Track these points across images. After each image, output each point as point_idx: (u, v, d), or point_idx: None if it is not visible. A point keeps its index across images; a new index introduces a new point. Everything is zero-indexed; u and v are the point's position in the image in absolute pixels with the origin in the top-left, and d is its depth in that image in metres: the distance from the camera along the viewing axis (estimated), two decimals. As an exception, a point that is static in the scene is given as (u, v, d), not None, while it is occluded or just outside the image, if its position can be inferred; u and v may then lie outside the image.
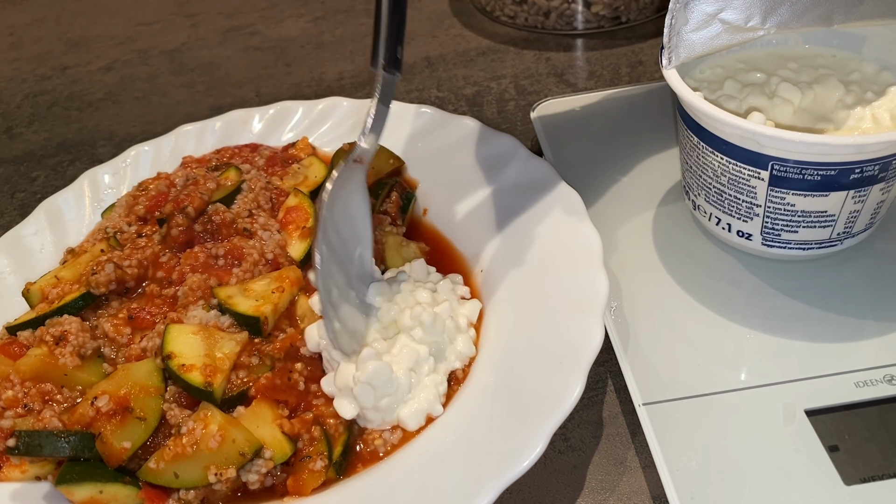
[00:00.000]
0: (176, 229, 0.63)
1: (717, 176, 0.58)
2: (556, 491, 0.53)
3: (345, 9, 1.19)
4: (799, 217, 0.56)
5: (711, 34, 0.57)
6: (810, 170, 0.53)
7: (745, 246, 0.61)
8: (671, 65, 0.58)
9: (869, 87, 0.61)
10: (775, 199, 0.56)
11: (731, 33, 0.57)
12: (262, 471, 0.51)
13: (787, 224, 0.57)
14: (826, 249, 0.59)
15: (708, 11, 0.56)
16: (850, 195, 0.54)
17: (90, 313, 0.61)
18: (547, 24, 1.03)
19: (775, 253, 0.60)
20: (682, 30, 0.57)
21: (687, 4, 0.56)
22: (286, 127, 0.80)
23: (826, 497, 0.47)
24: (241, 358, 0.55)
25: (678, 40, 0.57)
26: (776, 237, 0.59)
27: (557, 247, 0.60)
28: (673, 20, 0.57)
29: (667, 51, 0.58)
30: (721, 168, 0.57)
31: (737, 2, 0.55)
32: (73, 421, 0.52)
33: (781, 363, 0.55)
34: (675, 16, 0.56)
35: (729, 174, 0.57)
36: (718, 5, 0.56)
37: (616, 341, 0.58)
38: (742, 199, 0.58)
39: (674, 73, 0.58)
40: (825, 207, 0.55)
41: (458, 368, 0.56)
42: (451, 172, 0.71)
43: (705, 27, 0.56)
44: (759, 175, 0.55)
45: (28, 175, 0.93)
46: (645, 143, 0.75)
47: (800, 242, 0.58)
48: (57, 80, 1.11)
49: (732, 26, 0.56)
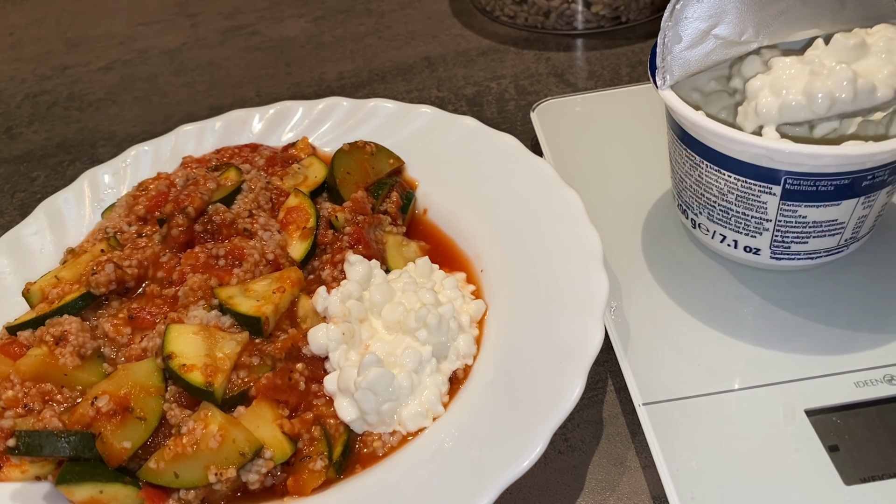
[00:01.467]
0: (176, 229, 0.63)
1: (724, 194, 0.57)
2: (556, 491, 0.53)
3: (345, 9, 1.19)
4: (810, 228, 0.56)
5: (706, 50, 0.56)
6: (824, 181, 0.52)
7: (752, 261, 0.60)
8: (666, 84, 0.56)
9: None
10: (787, 212, 0.55)
11: (726, 48, 0.56)
12: (263, 471, 0.51)
13: (798, 236, 0.56)
14: (833, 256, 0.58)
15: (702, 28, 0.55)
16: (860, 202, 0.54)
17: (90, 313, 0.61)
18: (547, 24, 1.03)
19: (783, 265, 0.59)
20: (675, 48, 0.55)
21: (679, 22, 0.55)
22: (286, 127, 0.80)
23: (826, 497, 0.47)
24: (241, 358, 0.55)
25: (672, 59, 0.56)
26: (785, 250, 0.58)
27: (557, 247, 0.60)
28: (665, 39, 0.55)
29: (660, 71, 0.56)
30: (728, 186, 0.56)
31: (730, 16, 0.55)
32: (74, 421, 0.52)
33: (781, 363, 0.55)
34: (668, 34, 0.55)
35: (737, 191, 0.56)
36: (712, 21, 0.55)
37: (616, 341, 0.58)
38: (751, 215, 0.56)
39: (672, 94, 0.56)
40: (836, 216, 0.55)
41: (459, 368, 0.57)
42: (451, 172, 0.71)
43: (699, 44, 0.55)
44: (770, 190, 0.54)
45: (28, 175, 0.93)
46: (645, 143, 0.75)
47: (809, 252, 0.58)
48: (57, 80, 1.12)
49: (727, 41, 0.56)
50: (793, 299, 0.60)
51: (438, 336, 0.56)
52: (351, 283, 0.59)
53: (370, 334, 0.58)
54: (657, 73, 0.57)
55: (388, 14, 1.16)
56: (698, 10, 0.54)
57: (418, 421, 0.53)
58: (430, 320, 0.55)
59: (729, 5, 0.54)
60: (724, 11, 0.55)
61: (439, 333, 0.56)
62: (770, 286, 0.61)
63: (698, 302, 0.61)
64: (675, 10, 0.54)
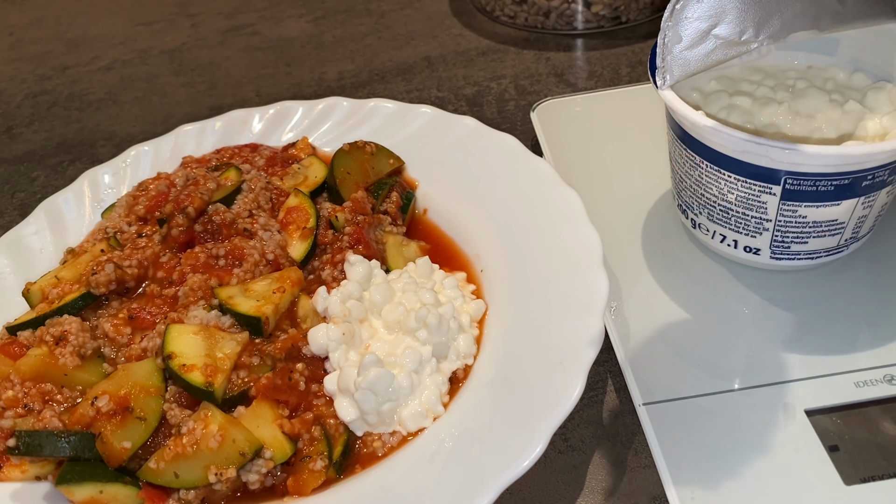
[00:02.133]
0: (176, 229, 0.63)
1: (724, 194, 0.57)
2: (556, 491, 0.53)
3: (345, 9, 1.19)
4: (810, 228, 0.56)
5: (706, 50, 0.55)
6: (824, 181, 0.52)
7: (752, 261, 0.60)
8: (666, 84, 0.56)
9: (846, 91, 0.61)
10: (787, 212, 0.55)
11: (726, 48, 0.56)
12: (263, 471, 0.51)
13: (798, 236, 0.56)
14: (833, 256, 0.58)
15: (702, 28, 0.55)
16: (860, 202, 0.54)
17: (90, 313, 0.61)
18: (547, 24, 1.03)
19: (783, 265, 0.59)
20: (674, 48, 0.55)
21: (679, 22, 0.54)
22: (286, 127, 0.80)
23: (826, 497, 0.47)
24: (241, 358, 0.55)
25: (672, 59, 0.55)
26: (785, 250, 0.58)
27: (557, 247, 0.60)
28: (665, 39, 0.55)
29: (660, 71, 0.56)
30: (728, 186, 0.56)
31: (730, 16, 0.55)
32: (74, 421, 0.52)
33: (781, 363, 0.55)
34: (668, 34, 0.55)
35: (737, 192, 0.56)
36: (712, 21, 0.54)
37: (616, 341, 0.58)
38: (751, 215, 0.57)
39: (672, 94, 0.56)
40: (836, 216, 0.55)
41: (459, 368, 0.57)
42: (451, 172, 0.71)
43: (699, 44, 0.55)
44: (770, 190, 0.54)
45: (28, 175, 0.93)
46: (645, 143, 0.75)
47: (809, 252, 0.58)
48: (57, 80, 1.11)
49: (727, 41, 0.55)
50: (793, 299, 0.60)
51: (439, 336, 0.56)
52: (351, 284, 0.59)
53: (370, 334, 0.58)
54: (657, 73, 0.57)
55: (388, 14, 1.16)
56: (698, 10, 0.54)
57: (418, 421, 0.53)
58: (431, 320, 0.55)
59: (729, 5, 0.54)
60: (724, 11, 0.55)
61: (439, 333, 0.56)
62: (770, 286, 0.61)
63: (698, 302, 0.61)
64: (674, 10, 0.54)
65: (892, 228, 0.64)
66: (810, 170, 0.52)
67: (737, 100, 0.62)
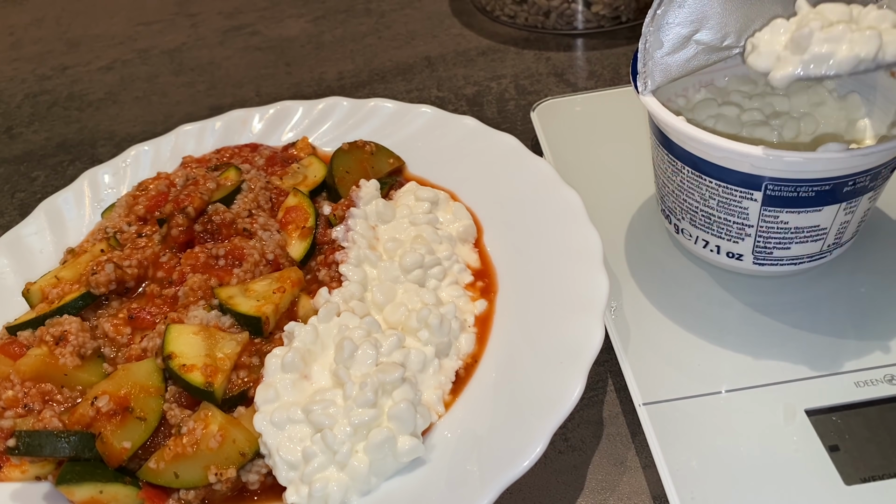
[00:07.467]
0: (176, 229, 0.63)
1: (706, 200, 0.56)
2: (556, 491, 0.53)
3: (345, 9, 1.19)
4: (792, 234, 0.55)
5: (687, 56, 0.55)
6: (805, 187, 0.52)
7: (734, 266, 0.60)
8: (647, 90, 0.56)
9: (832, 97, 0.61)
10: (768, 218, 0.55)
11: (707, 53, 0.56)
12: (263, 471, 0.51)
13: (780, 242, 0.56)
14: (816, 262, 0.58)
15: (683, 34, 0.54)
16: (841, 207, 0.54)
17: (90, 313, 0.61)
18: (547, 24, 1.03)
19: (766, 271, 0.59)
20: (655, 54, 0.55)
21: (661, 28, 0.54)
22: (286, 127, 0.80)
23: (826, 497, 0.47)
24: (241, 358, 0.55)
25: (653, 64, 0.55)
26: (767, 255, 0.57)
27: (557, 247, 0.60)
28: (647, 45, 0.55)
29: (642, 76, 0.56)
30: (710, 192, 0.56)
31: (711, 22, 0.54)
32: (74, 421, 0.52)
33: (781, 363, 0.55)
34: (649, 40, 0.55)
35: (718, 197, 0.55)
36: (693, 27, 0.54)
37: (616, 341, 0.58)
38: (733, 220, 0.56)
39: (653, 100, 0.56)
40: (818, 222, 0.55)
41: (460, 367, 0.56)
42: (451, 172, 0.71)
43: (681, 49, 0.55)
44: (751, 196, 0.54)
45: (28, 175, 0.93)
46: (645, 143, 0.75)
47: (791, 258, 0.57)
48: (57, 80, 1.12)
49: (708, 46, 0.55)
50: (790, 301, 0.60)
51: (440, 336, 0.56)
52: (353, 284, 0.59)
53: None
54: (638, 78, 0.57)
55: (388, 14, 1.16)
56: (680, 16, 0.54)
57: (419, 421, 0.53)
58: (432, 321, 0.55)
59: (710, 11, 0.54)
60: (705, 17, 0.54)
61: (441, 333, 0.56)
62: (770, 286, 0.61)
63: (699, 302, 0.61)
64: (656, 16, 0.54)
65: (875, 234, 0.63)
66: (791, 175, 0.52)
67: (724, 109, 0.62)
